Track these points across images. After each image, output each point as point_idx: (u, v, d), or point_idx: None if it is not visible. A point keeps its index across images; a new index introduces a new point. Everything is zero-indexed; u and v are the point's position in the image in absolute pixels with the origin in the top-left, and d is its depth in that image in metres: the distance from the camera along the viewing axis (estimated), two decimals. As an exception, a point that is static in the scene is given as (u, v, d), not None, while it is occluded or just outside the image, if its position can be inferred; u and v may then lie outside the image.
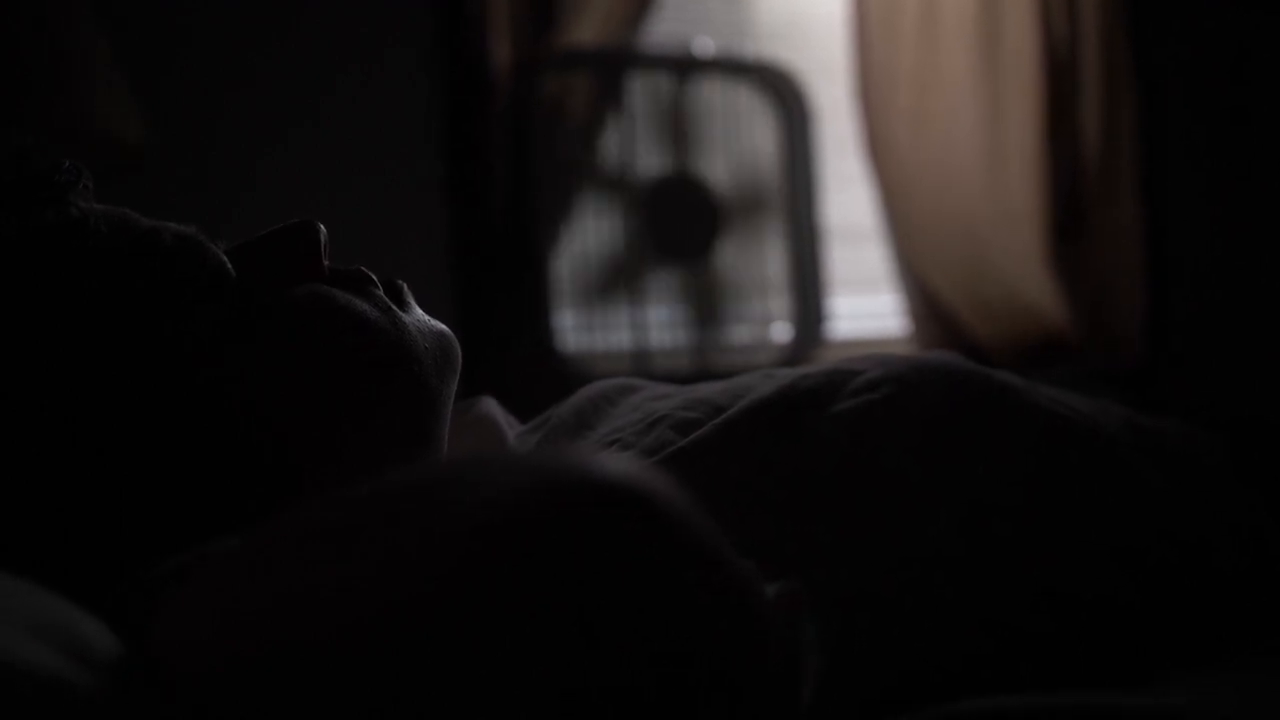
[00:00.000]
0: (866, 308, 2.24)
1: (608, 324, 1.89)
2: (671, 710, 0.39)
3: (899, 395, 0.75)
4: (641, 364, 1.83)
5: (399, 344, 0.70)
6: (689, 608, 0.39)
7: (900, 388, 0.75)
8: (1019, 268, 2.10)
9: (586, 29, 1.89)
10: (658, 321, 1.91)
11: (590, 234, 1.86)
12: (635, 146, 1.89)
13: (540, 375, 1.76)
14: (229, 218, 0.71)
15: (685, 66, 1.93)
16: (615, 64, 1.91)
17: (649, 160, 1.90)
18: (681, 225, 1.92)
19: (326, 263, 0.71)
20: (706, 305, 1.93)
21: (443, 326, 0.74)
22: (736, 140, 1.96)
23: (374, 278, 0.72)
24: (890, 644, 0.64)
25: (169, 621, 0.43)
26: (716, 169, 1.94)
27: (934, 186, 2.09)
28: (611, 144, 1.89)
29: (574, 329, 1.87)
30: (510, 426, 0.83)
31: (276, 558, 0.42)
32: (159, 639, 0.43)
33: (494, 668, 0.36)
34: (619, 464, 0.40)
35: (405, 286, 0.73)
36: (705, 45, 2.01)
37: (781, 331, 2.00)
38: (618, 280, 1.87)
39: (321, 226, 0.72)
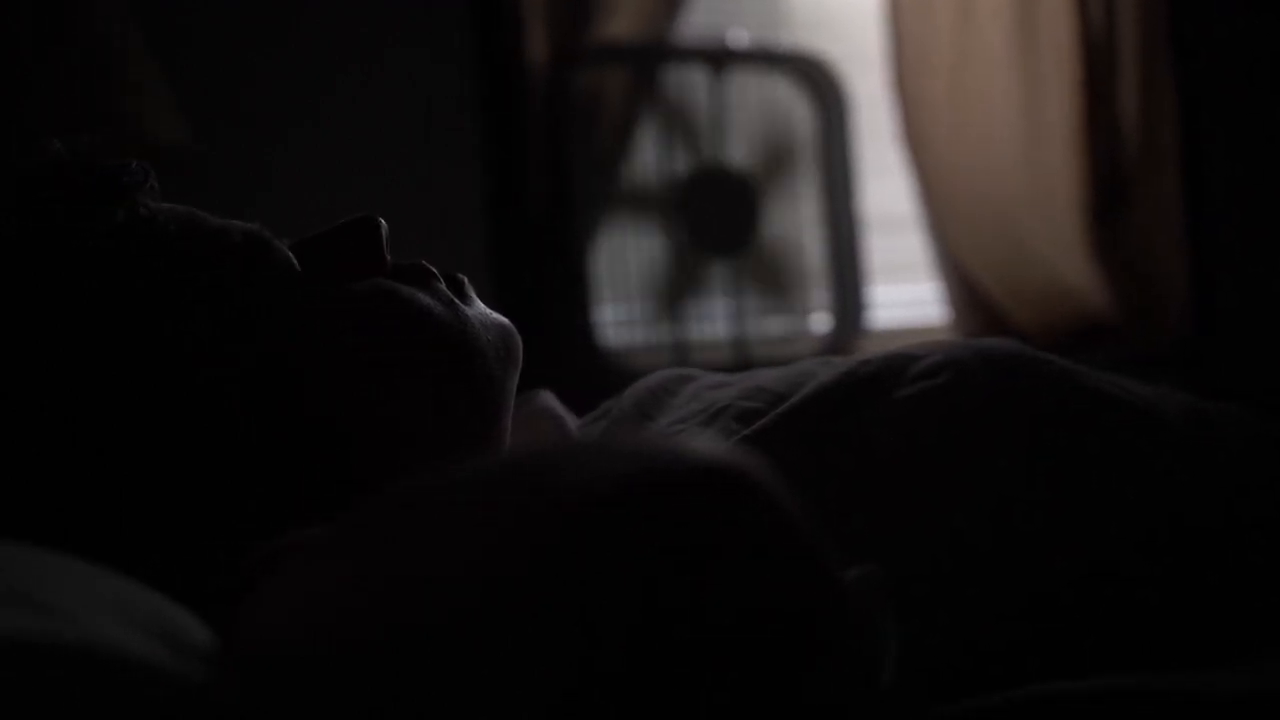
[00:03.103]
0: (906, 296, 2.23)
1: (647, 318, 1.89)
2: (762, 683, 0.39)
3: (957, 382, 0.75)
4: (682, 357, 1.83)
5: (462, 337, 0.70)
6: (785, 583, 0.40)
7: (959, 373, 0.75)
8: (1059, 252, 2.09)
9: (621, 23, 1.89)
10: (698, 314, 1.91)
11: (630, 240, 1.87)
12: (672, 139, 1.89)
13: (581, 370, 1.77)
14: (266, 216, 0.71)
15: (720, 59, 1.93)
16: (650, 57, 1.91)
17: (685, 153, 1.90)
18: (720, 218, 1.92)
19: (388, 257, 0.72)
20: (747, 297, 1.93)
21: (504, 319, 0.74)
22: (773, 131, 1.96)
23: (435, 271, 0.73)
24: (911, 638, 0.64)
25: (264, 611, 0.44)
26: (753, 159, 1.93)
27: (972, 173, 2.08)
28: (648, 137, 1.89)
29: (613, 324, 1.87)
30: (569, 419, 0.83)
31: (373, 543, 0.42)
32: (254, 629, 0.43)
33: (597, 644, 0.36)
34: (715, 445, 0.41)
35: (466, 280, 0.74)
36: (740, 37, 2.00)
37: (821, 322, 1.99)
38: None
39: (383, 221, 0.73)
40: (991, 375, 0.75)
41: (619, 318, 1.89)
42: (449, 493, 0.42)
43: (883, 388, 0.75)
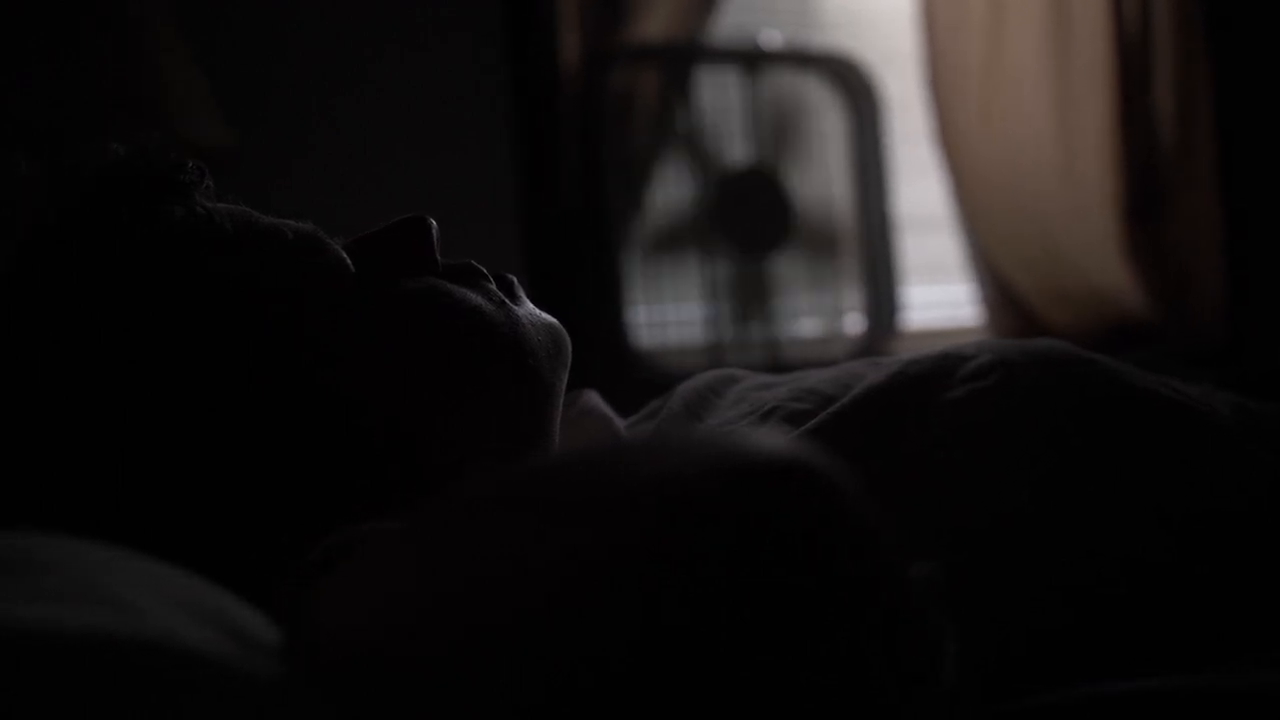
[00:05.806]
0: (940, 297, 2.23)
1: (680, 319, 1.89)
2: (835, 676, 0.39)
3: (1006, 382, 0.74)
4: (714, 359, 1.83)
5: (513, 336, 0.70)
6: (857, 574, 0.39)
7: (1008, 374, 0.75)
8: (1093, 252, 2.08)
9: (655, 23, 1.89)
10: (733, 315, 1.91)
11: (664, 239, 1.87)
12: (704, 141, 1.89)
13: (616, 371, 1.77)
14: (301, 216, 0.72)
15: (754, 59, 1.93)
16: (683, 58, 1.91)
17: (719, 155, 1.90)
18: (753, 218, 1.91)
19: (439, 257, 0.72)
20: (782, 298, 1.93)
21: (552, 319, 0.74)
22: (806, 132, 1.96)
23: (485, 271, 0.73)
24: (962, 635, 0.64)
25: (335, 609, 0.43)
26: (785, 159, 1.93)
27: (1006, 173, 2.07)
28: (682, 135, 1.89)
29: (648, 324, 1.87)
30: (616, 419, 0.83)
31: (447, 540, 0.42)
32: (326, 628, 0.43)
33: (677, 636, 0.36)
34: (782, 439, 0.40)
35: (516, 280, 0.74)
36: (773, 37, 2.00)
37: (855, 323, 1.99)
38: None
39: (433, 221, 0.73)
40: (1040, 375, 0.75)
41: (653, 319, 1.88)
42: (520, 489, 0.42)
43: (932, 389, 0.74)
